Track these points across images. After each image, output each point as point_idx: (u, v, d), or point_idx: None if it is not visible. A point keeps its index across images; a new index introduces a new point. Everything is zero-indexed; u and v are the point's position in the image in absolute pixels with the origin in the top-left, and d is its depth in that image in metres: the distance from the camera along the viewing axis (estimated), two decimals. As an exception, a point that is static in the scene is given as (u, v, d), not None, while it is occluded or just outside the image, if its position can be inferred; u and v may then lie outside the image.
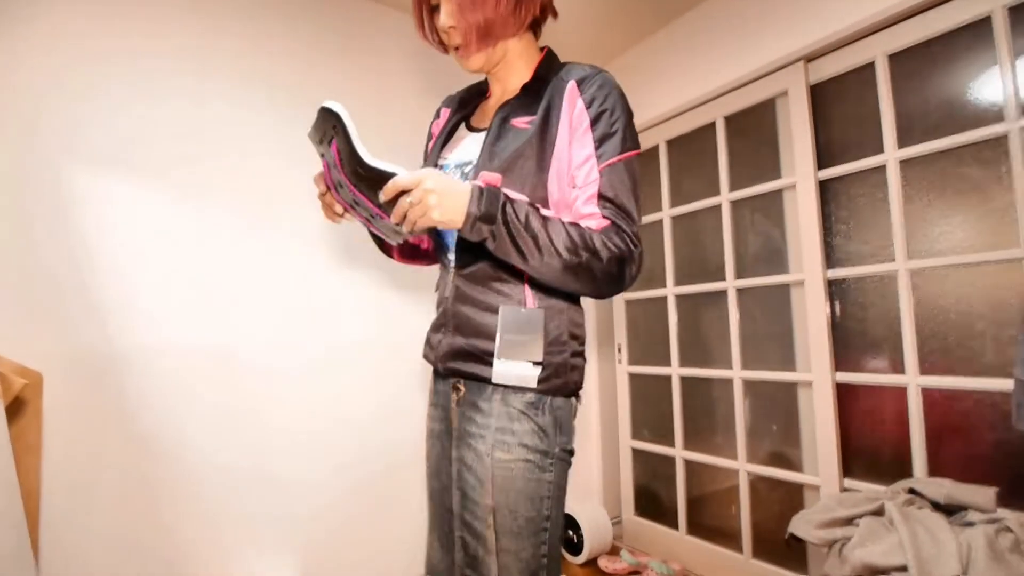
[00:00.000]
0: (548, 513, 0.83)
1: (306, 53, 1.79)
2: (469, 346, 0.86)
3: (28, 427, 1.22)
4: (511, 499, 0.82)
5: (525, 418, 0.83)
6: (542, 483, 0.83)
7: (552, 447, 0.84)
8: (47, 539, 1.29)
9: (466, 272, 0.88)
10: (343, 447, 1.76)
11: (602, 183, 0.82)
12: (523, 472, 0.82)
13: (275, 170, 1.70)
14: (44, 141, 1.37)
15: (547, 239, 0.76)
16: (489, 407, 0.85)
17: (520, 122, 0.87)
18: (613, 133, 0.83)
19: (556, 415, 0.85)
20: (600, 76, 0.87)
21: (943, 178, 1.47)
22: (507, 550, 0.82)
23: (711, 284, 2.05)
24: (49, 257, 1.35)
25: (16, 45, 1.35)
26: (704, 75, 2.01)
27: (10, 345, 1.25)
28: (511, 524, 0.81)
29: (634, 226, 0.83)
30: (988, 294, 1.38)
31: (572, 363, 0.86)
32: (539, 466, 0.83)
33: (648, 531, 2.26)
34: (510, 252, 0.77)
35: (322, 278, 1.77)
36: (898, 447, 1.51)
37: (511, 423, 0.83)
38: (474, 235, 0.77)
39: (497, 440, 0.83)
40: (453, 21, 0.86)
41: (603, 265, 0.79)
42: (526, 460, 0.82)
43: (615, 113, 0.84)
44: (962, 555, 1.05)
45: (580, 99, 0.85)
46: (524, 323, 0.83)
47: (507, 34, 0.89)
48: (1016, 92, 1.33)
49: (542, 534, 0.83)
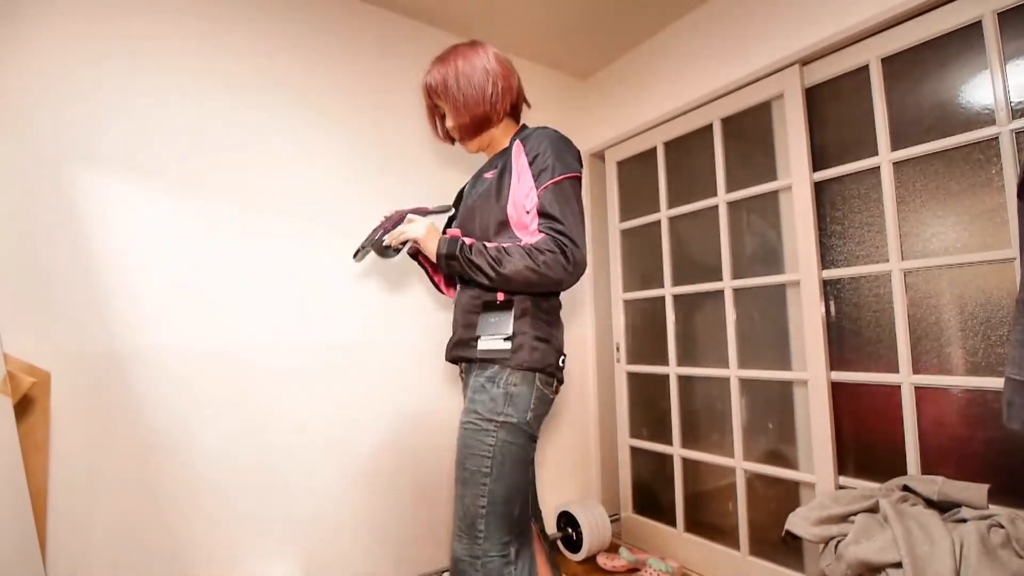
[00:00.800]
0: (488, 471, 1.06)
1: (307, 54, 1.81)
2: (463, 336, 1.20)
3: (36, 426, 1.24)
4: (462, 454, 1.09)
5: (482, 389, 1.10)
6: (483, 444, 1.07)
7: (496, 416, 1.07)
8: (54, 537, 1.30)
9: (463, 285, 1.25)
10: (347, 447, 1.77)
11: (539, 203, 1.10)
12: (472, 433, 1.08)
13: (277, 170, 1.72)
14: (49, 142, 1.38)
15: (488, 263, 1.09)
16: (468, 383, 1.16)
17: (488, 174, 1.24)
18: (546, 167, 1.11)
19: (508, 390, 1.09)
20: (536, 132, 1.19)
21: (936, 180, 1.49)
22: (459, 496, 1.09)
23: (708, 284, 2.07)
24: (56, 257, 1.37)
25: (18, 46, 1.36)
26: (701, 78, 2.03)
27: (18, 344, 1.27)
28: (462, 474, 1.09)
29: (567, 233, 1.07)
30: (980, 294, 1.40)
31: (533, 344, 1.11)
32: (484, 429, 1.08)
33: (646, 529, 2.28)
34: (467, 274, 1.13)
35: (327, 278, 1.79)
36: (892, 445, 1.53)
37: (473, 393, 1.12)
38: (444, 267, 1.16)
39: (465, 408, 1.13)
40: (452, 123, 1.27)
41: (536, 268, 1.06)
42: (474, 424, 1.09)
43: (546, 153, 1.13)
44: (955, 551, 1.07)
45: (523, 151, 1.17)
46: (498, 310, 1.15)
47: (489, 127, 1.27)
48: (1007, 95, 1.35)
49: (481, 487, 1.06)
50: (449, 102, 1.25)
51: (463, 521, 1.08)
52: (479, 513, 1.06)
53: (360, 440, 1.80)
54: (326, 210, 1.79)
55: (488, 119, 1.25)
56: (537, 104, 2.42)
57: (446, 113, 1.28)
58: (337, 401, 1.77)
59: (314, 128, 1.81)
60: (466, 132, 1.26)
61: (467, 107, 1.23)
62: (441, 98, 1.26)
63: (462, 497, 1.08)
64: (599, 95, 2.52)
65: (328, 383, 1.76)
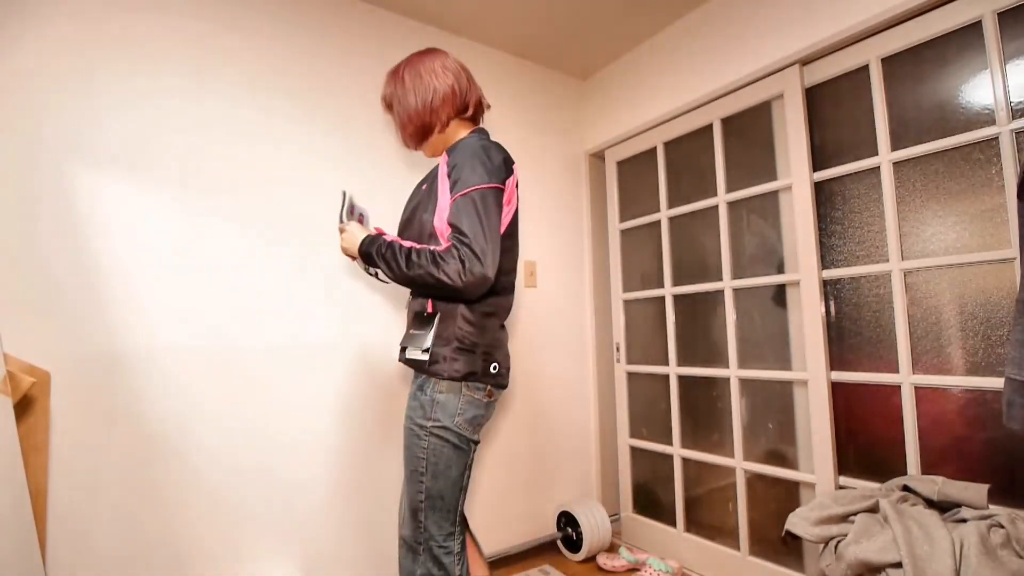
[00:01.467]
0: (424, 471, 1.17)
1: (306, 54, 1.81)
2: (403, 342, 1.26)
3: (36, 426, 1.24)
4: (405, 454, 1.20)
5: (414, 397, 1.20)
6: (418, 447, 1.17)
7: (426, 421, 1.16)
8: (54, 537, 1.30)
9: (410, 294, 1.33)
10: (347, 447, 1.77)
11: (450, 214, 1.15)
12: (408, 436, 1.19)
13: (277, 169, 1.72)
14: (49, 143, 1.38)
15: (397, 261, 1.16)
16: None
17: (423, 186, 1.32)
18: (458, 179, 1.16)
19: (434, 397, 1.16)
20: (463, 143, 1.24)
21: (936, 180, 1.49)
22: (404, 491, 1.23)
23: (708, 284, 2.07)
24: (56, 257, 1.37)
25: (18, 46, 1.36)
26: (701, 78, 2.03)
27: (18, 344, 1.27)
28: (406, 471, 1.21)
29: (468, 241, 1.10)
30: (979, 294, 1.40)
31: (453, 356, 1.17)
32: (417, 435, 1.17)
33: (646, 529, 2.28)
34: (383, 268, 1.20)
35: (328, 279, 1.79)
36: (892, 445, 1.53)
37: (410, 400, 1.21)
38: (366, 260, 1.25)
39: (406, 412, 1.21)
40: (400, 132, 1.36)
41: (431, 273, 1.12)
42: (410, 428, 1.19)
43: (461, 165, 1.17)
44: (955, 551, 1.07)
45: (446, 163, 1.22)
46: (419, 323, 1.22)
47: (431, 133, 1.31)
48: (1007, 95, 1.35)
49: (420, 484, 1.17)
50: (395, 112, 1.33)
51: (407, 510, 1.22)
52: (419, 506, 1.18)
53: (360, 440, 1.80)
54: (326, 210, 1.79)
55: (430, 126, 1.30)
56: (537, 104, 2.43)
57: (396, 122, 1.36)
58: (339, 401, 1.77)
59: (314, 128, 1.81)
60: (410, 139, 1.34)
61: (410, 117, 1.30)
62: (391, 109, 1.35)
63: (407, 491, 1.21)
64: (599, 95, 2.52)
65: (328, 383, 1.76)
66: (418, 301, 1.27)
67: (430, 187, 1.27)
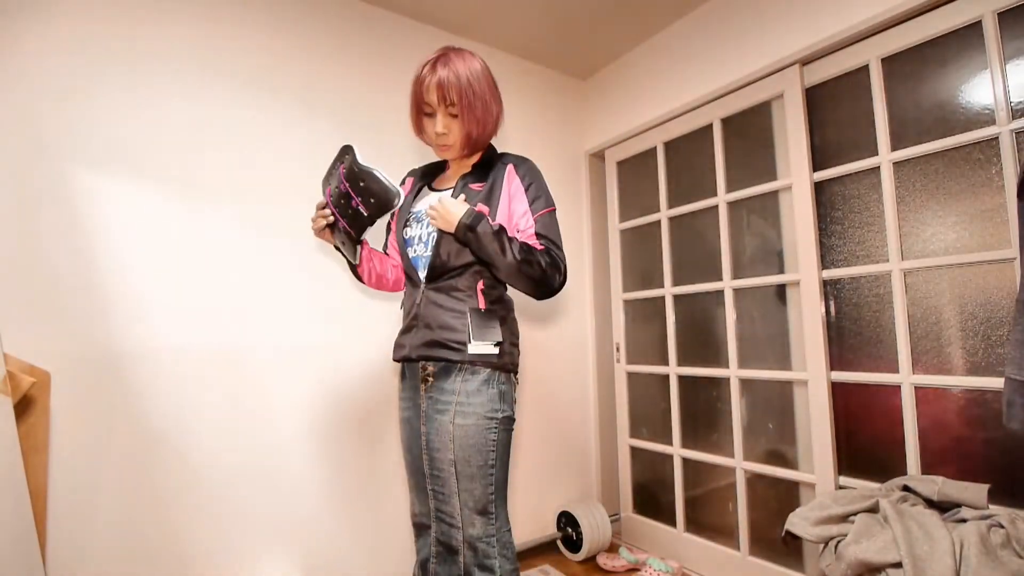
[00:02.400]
0: (493, 463, 1.17)
1: (306, 54, 1.81)
2: (439, 337, 1.19)
3: (36, 426, 1.24)
4: (465, 452, 1.15)
5: (478, 392, 1.17)
6: (488, 441, 1.16)
7: (497, 414, 1.17)
8: (54, 536, 1.30)
9: (434, 286, 1.23)
10: (346, 448, 1.77)
11: (537, 226, 1.22)
12: (476, 432, 1.16)
13: (278, 169, 1.72)
14: (49, 143, 1.38)
15: (508, 246, 1.14)
16: (452, 387, 1.18)
17: (475, 186, 1.26)
18: (540, 196, 1.24)
19: (500, 389, 1.19)
20: (526, 161, 1.29)
21: (936, 180, 1.49)
22: (465, 490, 1.16)
23: (708, 284, 2.07)
24: (57, 258, 1.37)
25: (19, 46, 1.37)
26: (701, 78, 2.03)
27: (18, 344, 1.27)
28: (466, 471, 1.15)
29: (561, 252, 1.21)
30: (980, 294, 1.40)
31: (511, 349, 1.23)
32: (488, 427, 1.17)
33: (646, 528, 2.28)
34: (486, 252, 1.15)
35: (326, 280, 1.79)
36: (892, 445, 1.53)
37: (468, 397, 1.17)
38: (461, 237, 1.16)
39: (458, 411, 1.16)
40: (446, 131, 1.23)
41: (542, 268, 1.16)
42: (477, 423, 1.16)
43: (540, 184, 1.26)
44: (955, 551, 1.07)
45: (516, 176, 1.26)
46: (486, 318, 1.21)
47: (481, 148, 1.30)
48: (1007, 95, 1.35)
49: (489, 477, 1.17)
50: (464, 108, 1.20)
51: (474, 509, 1.16)
52: (489, 500, 1.17)
53: (361, 441, 1.80)
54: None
55: (488, 139, 1.29)
56: (537, 104, 2.43)
57: (438, 116, 1.22)
58: (337, 401, 1.77)
59: (313, 128, 1.81)
60: (466, 141, 1.24)
61: (485, 125, 1.24)
62: (455, 102, 1.20)
63: (470, 490, 1.16)
64: (599, 95, 2.52)
65: (329, 383, 1.76)
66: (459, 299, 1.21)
67: (489, 192, 1.24)
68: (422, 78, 1.21)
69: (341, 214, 1.18)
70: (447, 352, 1.18)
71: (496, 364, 1.19)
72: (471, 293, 1.21)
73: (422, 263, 1.25)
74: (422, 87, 1.21)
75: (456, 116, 1.21)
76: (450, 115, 1.22)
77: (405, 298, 1.32)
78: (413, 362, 1.25)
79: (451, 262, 1.20)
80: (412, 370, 1.28)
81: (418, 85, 1.22)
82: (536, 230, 1.21)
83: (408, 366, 1.30)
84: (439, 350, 1.19)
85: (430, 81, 1.19)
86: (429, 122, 1.25)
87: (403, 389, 1.33)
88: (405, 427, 1.31)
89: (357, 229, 1.19)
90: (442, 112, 1.21)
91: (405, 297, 1.32)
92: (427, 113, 1.24)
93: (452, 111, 1.21)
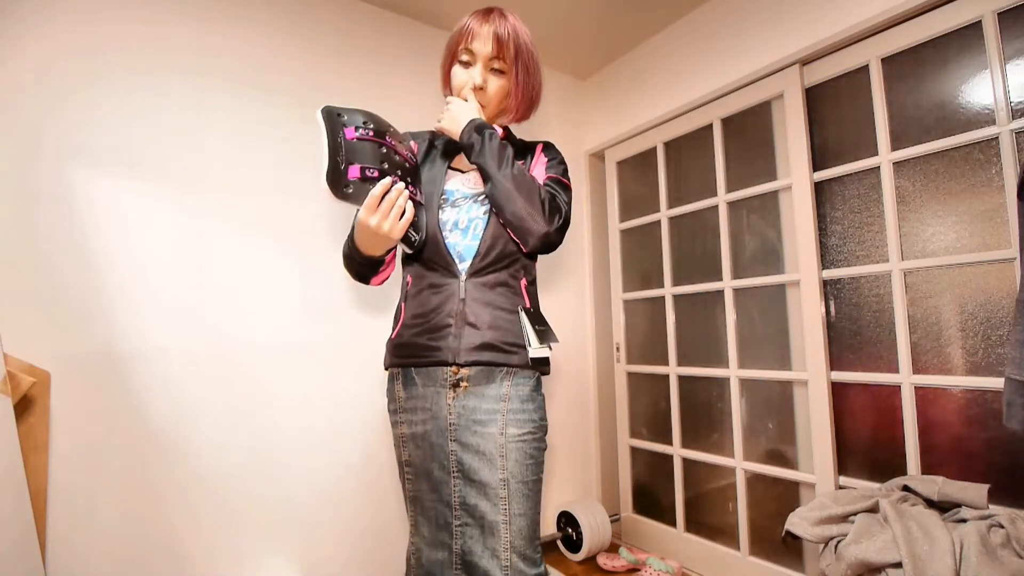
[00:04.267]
0: (543, 477, 1.04)
1: (305, 54, 1.81)
2: (491, 339, 1.01)
3: (36, 426, 1.24)
4: (522, 467, 0.99)
5: (531, 399, 1.04)
6: (541, 453, 1.03)
7: (544, 421, 1.05)
8: (54, 537, 1.30)
9: (478, 280, 1.04)
10: (346, 448, 1.77)
11: (549, 176, 1.12)
12: (534, 443, 1.01)
13: (277, 170, 1.72)
14: (48, 142, 1.38)
15: (510, 161, 1.02)
16: (499, 392, 1.01)
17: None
18: (562, 168, 1.15)
19: (543, 394, 1.08)
20: (555, 147, 1.22)
21: (936, 180, 1.49)
22: (518, 514, 0.98)
23: (708, 284, 2.07)
24: (57, 258, 1.37)
25: (18, 46, 1.36)
26: (701, 78, 2.03)
27: (18, 344, 1.27)
28: (521, 489, 0.98)
29: (566, 204, 1.08)
30: (980, 294, 1.40)
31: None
32: (541, 438, 1.03)
33: (646, 529, 2.28)
34: (486, 158, 1.01)
35: (326, 279, 1.79)
36: (892, 445, 1.53)
37: (523, 403, 1.02)
38: (466, 138, 1.04)
39: (510, 419, 1.00)
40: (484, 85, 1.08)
41: (540, 198, 1.02)
42: (533, 432, 1.02)
43: (561, 162, 1.17)
44: (955, 551, 1.07)
45: (543, 154, 1.18)
46: (541, 318, 1.08)
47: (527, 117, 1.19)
48: (1007, 95, 1.35)
49: (540, 492, 1.03)
50: (520, 68, 1.07)
51: (527, 539, 0.98)
52: (537, 521, 1.02)
53: (359, 440, 1.80)
54: (326, 210, 1.79)
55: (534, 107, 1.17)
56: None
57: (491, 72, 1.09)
58: (338, 401, 1.77)
59: (314, 127, 1.80)
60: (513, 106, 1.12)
61: (532, 86, 1.11)
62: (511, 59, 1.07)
63: (524, 513, 0.98)
64: (599, 95, 2.52)
65: (328, 383, 1.76)
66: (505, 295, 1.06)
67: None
68: (468, 27, 1.06)
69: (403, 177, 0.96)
70: (499, 355, 1.01)
71: (544, 368, 1.08)
72: (517, 289, 1.08)
73: (463, 252, 1.05)
74: (467, 35, 1.06)
75: (502, 73, 1.08)
76: (493, 70, 1.08)
77: (423, 292, 1.07)
78: (435, 366, 1.04)
79: (501, 252, 1.05)
80: (430, 376, 1.04)
81: (461, 34, 1.07)
82: (546, 179, 1.11)
83: (421, 371, 1.06)
84: (490, 353, 1.01)
85: (485, 30, 1.05)
86: (463, 72, 1.09)
87: (407, 399, 1.08)
88: (415, 447, 1.06)
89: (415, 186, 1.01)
90: (483, 64, 1.07)
91: (423, 290, 1.07)
92: (462, 61, 1.09)
93: (498, 67, 1.08)
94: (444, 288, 1.05)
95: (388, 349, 1.12)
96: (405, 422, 1.08)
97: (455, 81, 1.10)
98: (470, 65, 1.08)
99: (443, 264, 1.05)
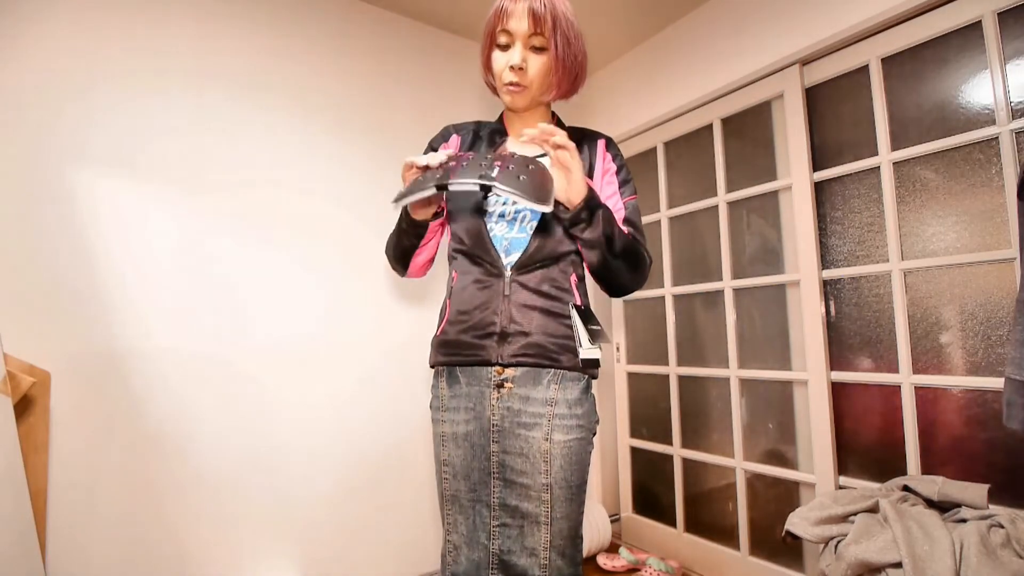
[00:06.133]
0: (587, 478, 1.00)
1: (306, 54, 1.81)
2: (540, 340, 0.98)
3: (36, 426, 1.24)
4: (567, 472, 0.95)
5: (580, 403, 0.99)
6: (588, 456, 1.00)
7: (594, 424, 1.02)
8: (54, 537, 1.30)
9: (525, 276, 1.00)
10: (346, 449, 1.77)
11: (627, 212, 1.07)
12: (582, 446, 0.98)
13: (277, 170, 1.72)
14: (50, 144, 1.38)
15: (619, 232, 0.99)
16: (546, 395, 0.97)
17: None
18: (628, 180, 1.11)
19: (593, 395, 1.03)
20: (613, 140, 1.16)
21: (936, 180, 1.49)
22: (560, 517, 0.95)
23: (708, 284, 2.07)
24: (57, 258, 1.37)
25: (18, 46, 1.37)
26: (701, 78, 2.03)
27: (19, 344, 1.27)
28: (565, 493, 0.95)
29: (646, 243, 1.08)
30: (980, 294, 1.40)
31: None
32: (589, 441, 1.00)
33: (646, 529, 2.28)
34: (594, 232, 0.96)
35: (326, 280, 1.79)
36: (892, 445, 1.53)
37: (570, 408, 0.98)
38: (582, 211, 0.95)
39: (556, 424, 0.96)
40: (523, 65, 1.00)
41: (646, 264, 1.06)
42: (580, 438, 0.98)
43: (627, 169, 1.13)
44: (955, 551, 1.07)
45: (608, 154, 1.12)
46: (593, 317, 1.03)
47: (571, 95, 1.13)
48: (1007, 95, 1.35)
49: (584, 493, 0.99)
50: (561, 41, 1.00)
51: (567, 539, 0.96)
52: (580, 520, 0.99)
53: (360, 440, 1.80)
54: (325, 210, 1.79)
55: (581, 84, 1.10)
56: (537, 104, 2.43)
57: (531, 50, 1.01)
58: (337, 401, 1.77)
59: (313, 128, 1.81)
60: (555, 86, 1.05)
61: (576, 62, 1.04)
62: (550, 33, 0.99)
63: (567, 515, 0.96)
64: (599, 95, 2.52)
65: (328, 383, 1.76)
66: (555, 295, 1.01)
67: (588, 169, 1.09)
68: (503, 7, 1.00)
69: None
70: (546, 357, 0.98)
71: (593, 371, 1.03)
72: (567, 286, 1.02)
73: (510, 244, 1.01)
74: (503, 16, 1.00)
75: (543, 50, 1.00)
76: (532, 48, 1.00)
77: (467, 288, 1.03)
78: (480, 365, 1.00)
79: (554, 248, 0.99)
80: (475, 375, 1.00)
81: (497, 16, 1.01)
82: (626, 215, 1.06)
83: (465, 370, 1.02)
84: (536, 354, 0.97)
85: (520, 7, 0.98)
86: (501, 56, 1.02)
87: (450, 397, 1.03)
88: (456, 446, 1.02)
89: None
90: (522, 43, 1.00)
91: (467, 286, 1.03)
92: (500, 45, 1.02)
93: (538, 44, 1.00)
94: (489, 283, 1.01)
95: (433, 346, 1.07)
96: (447, 421, 1.03)
97: (496, 66, 1.04)
98: (509, 47, 1.01)
99: (488, 258, 1.01)
